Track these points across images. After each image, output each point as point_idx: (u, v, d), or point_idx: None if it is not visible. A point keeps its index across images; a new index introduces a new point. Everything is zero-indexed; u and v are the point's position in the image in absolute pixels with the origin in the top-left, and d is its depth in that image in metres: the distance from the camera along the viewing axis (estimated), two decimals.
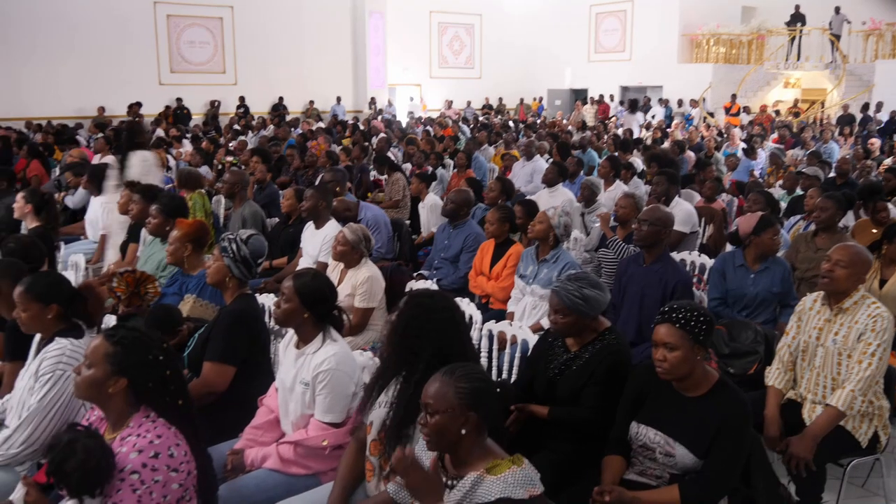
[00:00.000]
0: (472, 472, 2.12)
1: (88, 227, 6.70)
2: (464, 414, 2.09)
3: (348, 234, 4.40)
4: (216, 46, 20.78)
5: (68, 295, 2.96)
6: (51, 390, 2.77)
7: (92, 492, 2.04)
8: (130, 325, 2.34)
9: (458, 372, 2.15)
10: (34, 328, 2.98)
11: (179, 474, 2.12)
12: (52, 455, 2.06)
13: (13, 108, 16.89)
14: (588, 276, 3.21)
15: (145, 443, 2.11)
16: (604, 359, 3.02)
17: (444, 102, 24.12)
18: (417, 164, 9.82)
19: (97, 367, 2.17)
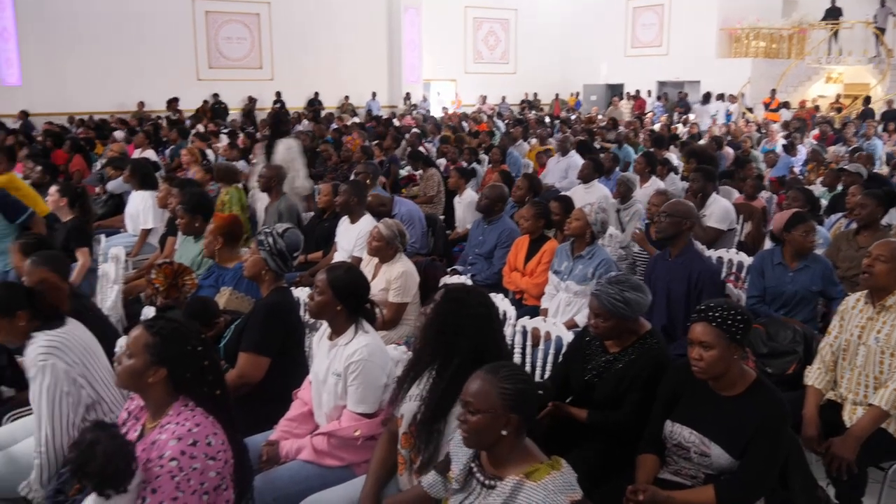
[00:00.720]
0: (511, 476, 2.10)
1: (128, 221, 6.82)
2: (506, 415, 2.08)
3: (383, 229, 4.42)
4: (253, 42, 20.97)
5: (26, 297, 2.92)
6: (44, 384, 2.77)
7: (114, 489, 2.07)
8: (170, 317, 2.37)
9: (502, 372, 2.13)
10: (14, 341, 2.96)
11: (217, 462, 2.15)
12: (74, 456, 2.08)
13: (56, 104, 17.23)
14: (629, 278, 3.17)
15: (184, 431, 2.14)
16: (646, 364, 2.98)
17: (479, 98, 24.06)
18: (451, 160, 9.83)
19: (137, 357, 2.21)
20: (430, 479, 2.42)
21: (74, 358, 2.85)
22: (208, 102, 19.46)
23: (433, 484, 2.41)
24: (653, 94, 22.86)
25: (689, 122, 16.45)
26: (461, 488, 2.25)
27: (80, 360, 2.88)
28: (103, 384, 2.96)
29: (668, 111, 20.05)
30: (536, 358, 3.85)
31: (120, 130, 13.94)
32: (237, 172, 7.27)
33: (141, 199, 6.59)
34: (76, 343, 2.90)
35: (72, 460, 2.07)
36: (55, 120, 15.52)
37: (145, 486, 2.08)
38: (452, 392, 2.46)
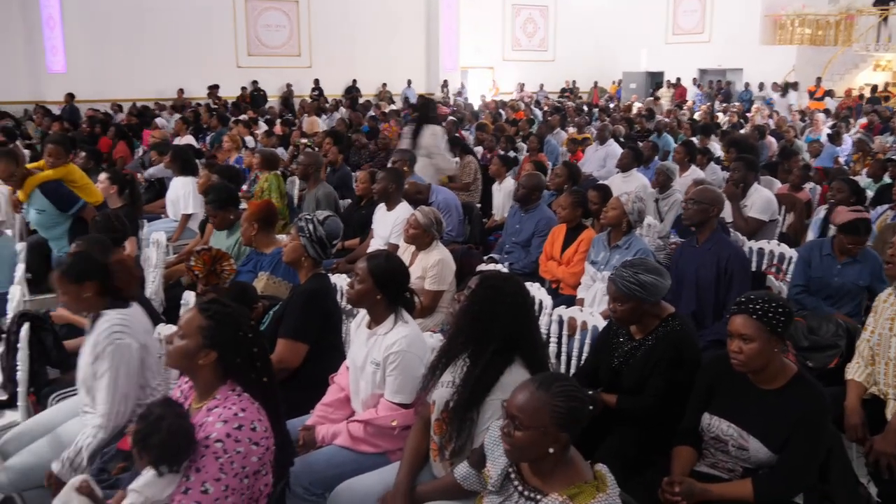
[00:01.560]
0: (554, 495, 2.04)
1: (169, 206, 6.92)
2: (555, 433, 2.00)
3: (420, 217, 4.43)
4: (291, 30, 21.09)
5: (100, 270, 3.00)
6: (112, 363, 2.85)
7: (169, 466, 2.12)
8: (224, 301, 2.39)
9: (555, 387, 2.02)
10: (77, 308, 3.09)
11: (259, 448, 2.18)
12: (141, 426, 2.14)
13: (99, 91, 17.53)
14: (645, 261, 3.14)
15: (230, 414, 2.17)
16: (668, 346, 2.96)
17: (517, 86, 23.92)
18: (489, 148, 9.79)
19: (190, 339, 2.24)
20: (463, 472, 2.42)
21: (140, 338, 2.93)
22: (247, 90, 19.63)
23: (466, 476, 2.41)
24: (694, 81, 22.50)
25: (730, 110, 16.16)
26: (497, 491, 2.21)
27: (142, 343, 2.95)
28: (152, 369, 3.03)
29: (710, 100, 19.72)
30: (572, 348, 3.83)
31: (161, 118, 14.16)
32: (278, 159, 7.34)
33: (182, 184, 6.69)
34: (139, 326, 2.97)
35: (136, 431, 2.13)
36: (98, 107, 15.80)
37: (190, 464, 2.13)
38: (486, 380, 2.47)
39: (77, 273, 2.94)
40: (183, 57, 18.74)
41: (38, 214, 5.42)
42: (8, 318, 3.92)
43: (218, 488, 2.09)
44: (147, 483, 2.12)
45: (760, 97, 19.62)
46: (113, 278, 2.99)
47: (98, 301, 2.98)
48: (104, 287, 2.97)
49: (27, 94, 17.18)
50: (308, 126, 12.80)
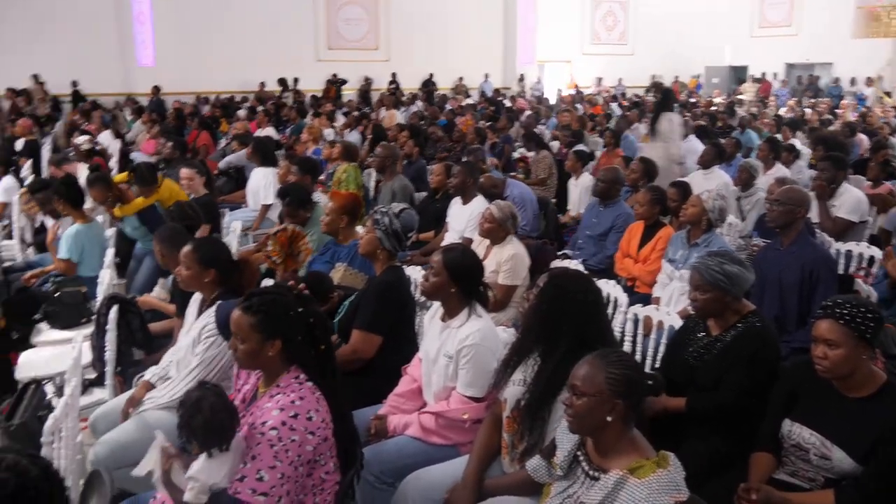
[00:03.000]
0: (615, 470, 2.06)
1: (249, 196, 7.11)
2: (611, 401, 2.05)
3: (495, 211, 4.43)
4: (370, 24, 21.31)
5: (227, 264, 3.15)
6: (210, 350, 2.98)
7: (218, 445, 2.16)
8: (259, 291, 2.42)
9: (611, 356, 2.12)
10: (191, 286, 3.21)
11: (315, 438, 2.21)
12: (182, 411, 2.19)
13: (184, 83, 18.10)
14: (730, 252, 3.08)
15: (287, 402, 2.21)
16: (747, 343, 2.87)
17: (595, 80, 23.58)
18: (565, 143, 9.70)
19: (250, 341, 2.28)
20: (535, 464, 2.42)
21: None
22: (333, 84, 19.97)
23: (537, 468, 2.41)
24: (779, 76, 21.75)
25: (819, 106, 15.57)
26: (565, 476, 2.22)
27: None
28: None
29: (797, 95, 19.03)
30: (647, 347, 3.77)
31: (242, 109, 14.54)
32: (357, 151, 7.45)
33: (262, 175, 6.86)
34: None
35: (180, 417, 2.19)
36: (184, 99, 16.34)
37: (248, 450, 2.17)
38: (557, 379, 2.44)
39: (207, 257, 3.11)
40: (265, 51, 19.15)
41: (133, 230, 5.76)
42: (98, 301, 4.11)
43: (273, 476, 2.12)
44: (201, 468, 2.16)
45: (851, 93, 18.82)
46: (236, 274, 3.14)
47: (212, 288, 3.12)
48: (224, 278, 3.12)
49: (118, 87, 17.88)
50: (386, 119, 12.93)
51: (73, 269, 4.79)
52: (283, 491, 2.13)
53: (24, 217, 6.61)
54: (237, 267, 3.19)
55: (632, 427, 2.12)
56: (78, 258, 4.82)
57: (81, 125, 11.72)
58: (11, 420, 3.01)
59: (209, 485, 2.14)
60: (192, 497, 2.16)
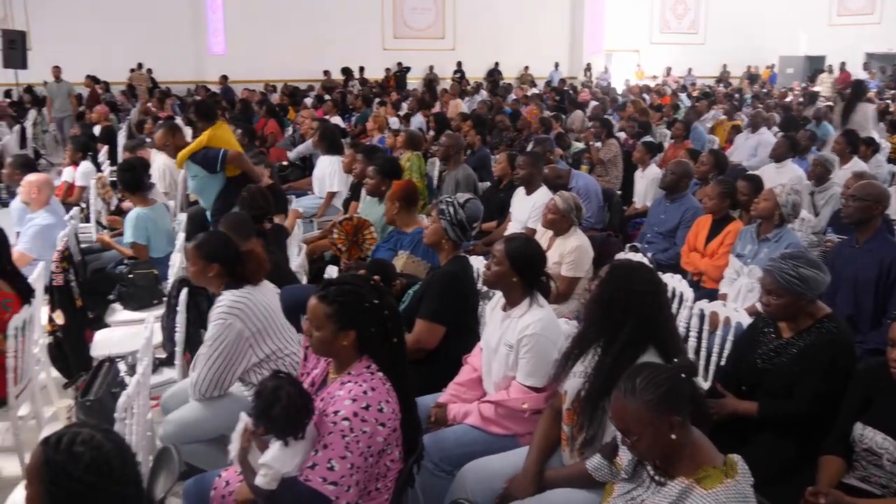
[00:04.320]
0: (681, 477, 2.00)
1: (315, 183, 7.21)
2: (665, 422, 1.96)
3: (559, 202, 4.39)
4: (437, 12, 21.33)
5: (231, 257, 3.17)
6: (216, 337, 3.02)
7: (295, 434, 2.20)
8: (336, 280, 2.44)
9: (638, 384, 1.98)
10: (199, 281, 3.27)
11: (385, 429, 2.22)
12: (259, 401, 2.23)
13: (253, 72, 18.45)
14: (805, 254, 2.95)
15: (359, 392, 2.22)
16: (823, 349, 2.77)
17: (664, 69, 23.11)
18: (630, 134, 9.55)
19: (324, 329, 2.30)
20: (595, 463, 2.40)
21: (253, 319, 3.07)
22: (390, 70, 20.06)
23: (598, 467, 2.39)
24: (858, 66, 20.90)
25: None
26: (629, 478, 2.19)
27: (261, 321, 3.09)
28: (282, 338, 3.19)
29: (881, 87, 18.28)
30: (713, 343, 3.68)
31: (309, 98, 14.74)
32: (421, 140, 7.48)
33: (328, 163, 6.94)
34: (258, 306, 3.11)
35: (255, 406, 2.23)
36: (253, 87, 16.66)
37: (319, 438, 2.20)
38: (618, 369, 2.38)
39: (208, 253, 3.15)
40: (332, 39, 19.40)
41: (192, 181, 5.81)
42: (169, 283, 4.24)
43: (343, 466, 2.14)
44: (275, 456, 2.20)
45: None
46: (240, 266, 3.17)
47: (219, 281, 3.16)
48: (229, 271, 3.16)
49: (190, 75, 18.37)
50: (451, 109, 12.93)
51: (144, 251, 4.93)
52: (352, 481, 2.16)
53: (100, 201, 6.86)
54: (240, 259, 3.20)
55: (690, 428, 2.04)
56: (144, 241, 4.96)
57: (155, 112, 12.06)
58: (87, 396, 3.12)
59: (282, 473, 2.19)
60: (263, 483, 2.21)
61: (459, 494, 2.65)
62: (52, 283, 4.23)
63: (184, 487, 2.62)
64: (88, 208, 6.92)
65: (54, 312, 4.22)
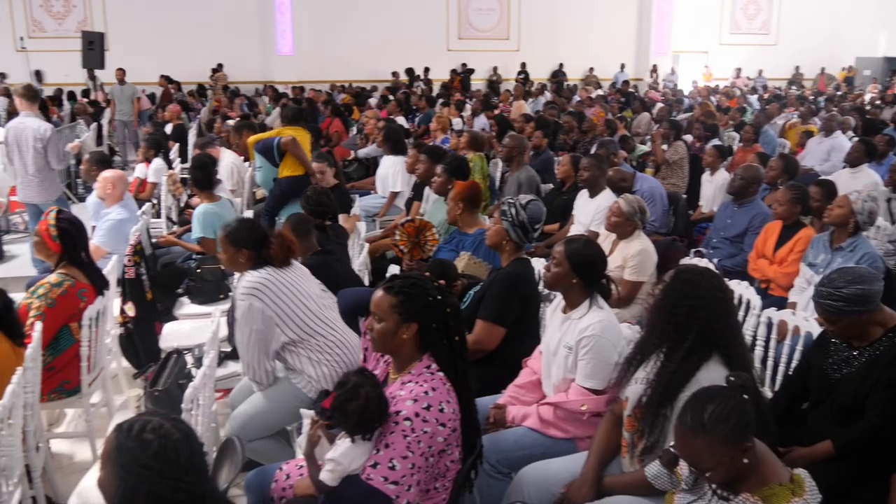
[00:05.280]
0: (745, 494, 1.95)
1: (379, 183, 7.28)
2: (739, 451, 1.91)
3: (623, 205, 4.33)
4: (502, 13, 21.29)
5: (258, 240, 3.25)
6: (242, 320, 3.10)
7: (364, 433, 2.22)
8: (404, 274, 2.47)
9: (707, 419, 1.92)
10: (231, 267, 3.37)
11: (445, 429, 2.23)
12: (339, 393, 2.26)
13: (320, 72, 18.74)
14: (846, 270, 2.82)
15: (420, 392, 2.24)
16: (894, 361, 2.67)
17: (733, 71, 22.56)
18: (698, 136, 9.35)
19: (388, 320, 2.33)
20: (655, 471, 2.36)
21: (274, 299, 3.11)
22: (456, 71, 20.10)
23: (657, 476, 2.35)
24: None
25: None
26: (690, 489, 2.14)
27: (285, 301, 3.14)
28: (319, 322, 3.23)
29: None
30: (780, 353, 3.58)
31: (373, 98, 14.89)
32: (484, 141, 7.48)
33: (391, 163, 7.00)
34: (283, 286, 3.16)
35: (335, 397, 2.26)
36: (318, 87, 16.91)
37: (380, 438, 2.22)
38: (681, 376, 2.36)
39: (236, 239, 3.24)
40: (396, 40, 19.55)
41: (258, 172, 6.14)
42: (235, 279, 4.33)
43: (405, 465, 2.16)
44: (343, 452, 2.24)
45: None
46: (266, 247, 3.24)
47: (249, 266, 3.23)
48: (257, 255, 3.23)
49: (259, 75, 18.76)
50: (515, 110, 12.89)
51: (213, 245, 5.06)
52: (413, 480, 2.17)
53: (170, 197, 7.06)
54: (267, 241, 3.26)
55: (758, 445, 1.99)
56: (212, 235, 5.10)
57: (224, 111, 12.36)
58: (155, 386, 3.22)
59: (349, 469, 2.22)
60: (328, 479, 2.24)
61: (517, 497, 2.65)
62: (124, 276, 4.37)
63: (245, 479, 2.68)
64: (160, 204, 7.14)
65: (126, 304, 4.37)
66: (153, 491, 1.62)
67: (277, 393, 3.23)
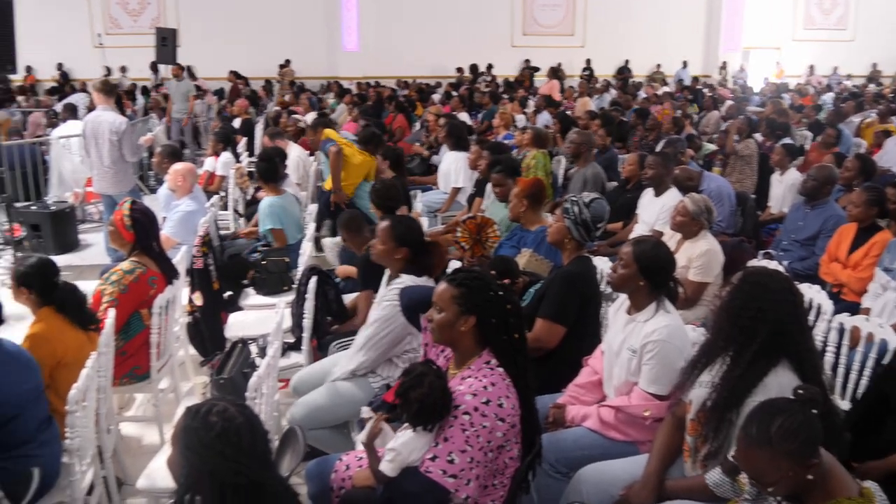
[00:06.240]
0: None
1: (441, 179, 7.30)
2: (804, 468, 1.85)
3: (690, 204, 4.26)
4: (567, 9, 21.10)
5: (418, 243, 3.26)
6: (387, 319, 3.12)
7: (425, 424, 2.24)
8: (469, 268, 2.48)
9: (773, 434, 1.85)
10: (382, 261, 3.36)
11: (504, 424, 2.23)
12: (404, 381, 2.29)
13: (386, 68, 18.89)
14: None
15: (479, 387, 2.24)
16: None
17: (807, 68, 21.86)
18: (766, 135, 9.09)
19: (448, 310, 2.35)
20: (716, 479, 2.31)
21: None
22: (526, 65, 20.00)
23: (719, 484, 2.30)
24: None
25: None
26: (753, 501, 2.09)
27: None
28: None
29: None
30: (853, 360, 3.46)
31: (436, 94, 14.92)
32: (548, 138, 7.43)
33: (454, 159, 7.02)
34: None
35: (400, 385, 2.30)
36: (383, 83, 17.05)
37: (440, 431, 2.23)
38: (748, 380, 2.31)
39: (401, 235, 3.25)
40: (461, 36, 19.55)
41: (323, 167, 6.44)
42: (299, 271, 4.41)
43: (463, 459, 2.17)
44: (404, 442, 2.26)
45: None
46: (427, 256, 3.27)
47: (401, 265, 3.25)
48: (414, 257, 3.25)
49: (325, 71, 19.02)
50: (580, 107, 12.77)
51: (282, 236, 5.16)
52: (472, 475, 2.18)
53: (237, 190, 7.22)
54: (428, 248, 3.29)
55: (825, 456, 1.92)
56: (280, 226, 5.20)
57: (291, 106, 12.56)
58: (221, 374, 3.29)
59: (409, 461, 2.24)
60: (388, 469, 2.26)
61: (575, 498, 2.63)
62: (192, 266, 4.49)
63: (306, 468, 2.73)
64: (227, 196, 7.30)
65: (194, 294, 4.48)
66: (215, 472, 1.68)
67: (349, 387, 3.27)
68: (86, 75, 16.92)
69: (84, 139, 6.46)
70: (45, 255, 3.36)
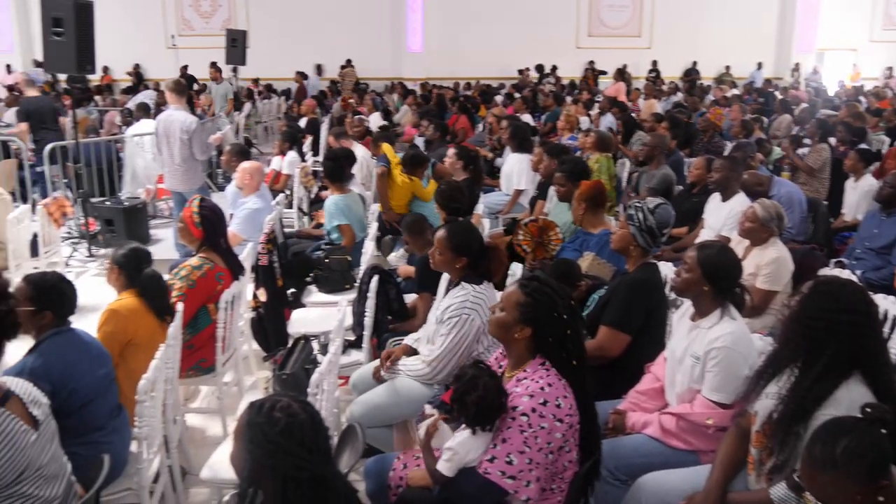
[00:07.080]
0: None
1: (503, 180, 7.29)
2: (875, 488, 1.78)
3: (759, 210, 4.15)
4: (634, 10, 20.83)
5: (477, 250, 3.25)
6: (457, 333, 3.11)
7: (483, 425, 2.24)
8: (545, 279, 2.45)
9: (839, 456, 1.79)
10: (442, 269, 3.36)
11: (562, 425, 2.22)
12: (458, 385, 2.30)
13: (449, 69, 18.96)
14: None
15: (536, 388, 2.23)
16: None
17: (884, 70, 21.08)
18: (841, 140, 8.80)
19: (509, 313, 2.35)
20: (781, 494, 2.23)
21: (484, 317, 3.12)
22: (593, 65, 19.83)
23: (784, 500, 2.22)
24: None
25: None
26: None
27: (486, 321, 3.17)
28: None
29: None
30: None
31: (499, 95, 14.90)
32: (612, 142, 7.35)
33: (517, 160, 7.00)
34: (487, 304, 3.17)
35: (455, 390, 2.30)
36: (446, 84, 17.12)
37: (498, 433, 2.23)
38: (818, 393, 2.22)
39: (457, 245, 3.24)
40: (525, 37, 19.50)
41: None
42: (361, 270, 4.46)
43: (522, 460, 2.16)
44: (462, 442, 2.27)
45: None
46: (485, 262, 3.27)
47: (462, 272, 3.26)
48: (473, 263, 3.25)
49: (389, 72, 19.22)
50: (646, 109, 12.59)
51: (349, 232, 5.22)
52: (532, 476, 2.18)
53: (302, 188, 7.34)
54: (487, 254, 3.28)
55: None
56: (347, 222, 5.26)
57: (354, 107, 12.71)
58: (283, 370, 3.35)
59: (465, 461, 2.24)
60: (445, 468, 2.27)
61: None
62: (257, 263, 4.58)
63: (365, 465, 2.76)
64: (292, 195, 7.43)
65: (258, 290, 4.57)
66: (278, 467, 1.71)
67: (408, 387, 3.29)
68: (159, 75, 17.46)
69: (156, 137, 6.66)
70: (140, 245, 3.48)
